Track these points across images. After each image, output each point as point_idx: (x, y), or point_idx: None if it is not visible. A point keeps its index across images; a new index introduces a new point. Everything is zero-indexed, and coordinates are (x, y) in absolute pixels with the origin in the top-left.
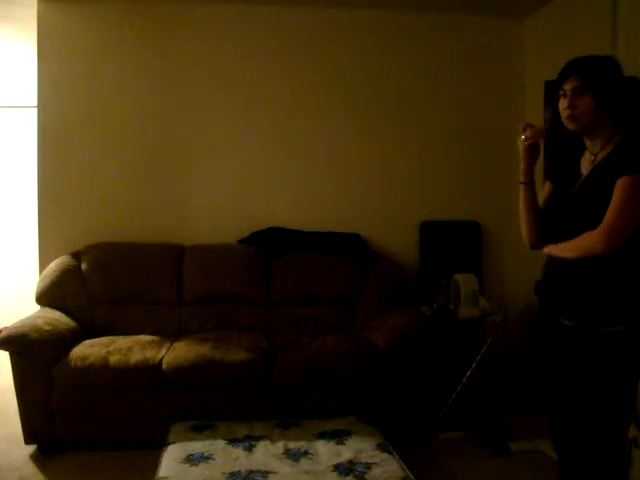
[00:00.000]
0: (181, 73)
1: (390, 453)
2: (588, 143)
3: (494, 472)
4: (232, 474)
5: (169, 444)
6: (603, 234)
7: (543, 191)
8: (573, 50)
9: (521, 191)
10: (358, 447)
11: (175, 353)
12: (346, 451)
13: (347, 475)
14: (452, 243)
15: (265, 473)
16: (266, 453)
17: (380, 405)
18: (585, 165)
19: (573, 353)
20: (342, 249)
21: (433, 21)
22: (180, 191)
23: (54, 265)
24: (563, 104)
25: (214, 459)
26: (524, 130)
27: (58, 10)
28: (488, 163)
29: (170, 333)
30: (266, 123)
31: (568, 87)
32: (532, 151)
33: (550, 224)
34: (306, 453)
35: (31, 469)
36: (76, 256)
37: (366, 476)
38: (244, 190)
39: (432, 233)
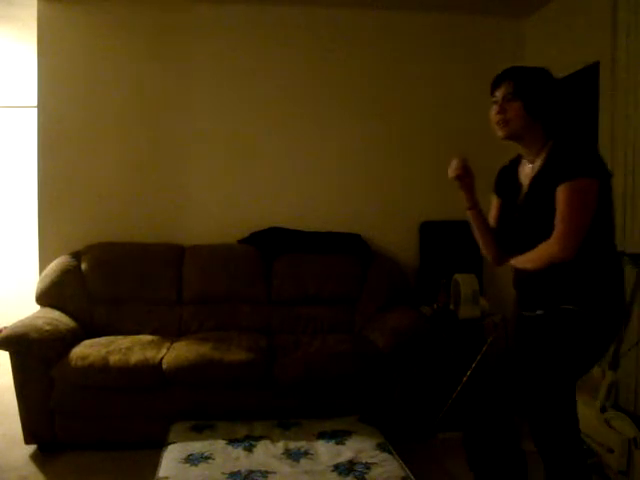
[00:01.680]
0: (181, 73)
1: (390, 453)
2: (523, 151)
3: None
4: (232, 474)
5: (169, 444)
6: (558, 243)
7: (492, 206)
8: (573, 50)
9: (469, 217)
10: (358, 447)
11: (175, 353)
12: (346, 451)
13: (347, 475)
14: (452, 243)
15: (265, 473)
16: (266, 453)
17: (380, 405)
18: (524, 174)
19: (537, 333)
20: (342, 249)
21: (433, 21)
22: (180, 191)
23: (54, 265)
24: (493, 110)
25: (214, 459)
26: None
27: (58, 10)
28: (488, 163)
29: (170, 333)
30: (266, 123)
31: (499, 94)
32: (463, 179)
33: (506, 237)
34: (306, 453)
35: (31, 469)
36: (76, 256)
37: (366, 476)
38: (244, 190)
39: (432, 233)
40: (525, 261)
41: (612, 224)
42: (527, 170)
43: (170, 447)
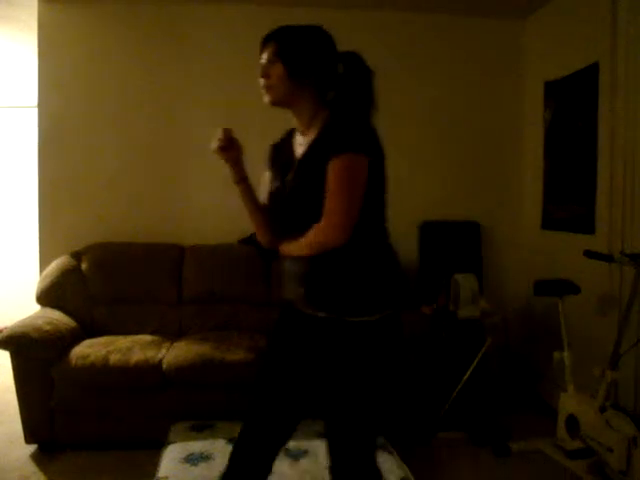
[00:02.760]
0: (181, 73)
1: (390, 453)
2: (295, 120)
3: (494, 472)
4: None
5: (169, 444)
6: (328, 226)
7: (264, 182)
8: (573, 50)
9: (239, 192)
10: None
11: (175, 353)
12: None
13: None
14: (452, 243)
15: None
16: None
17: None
18: (298, 146)
19: (322, 344)
20: None
21: (433, 21)
22: (180, 191)
23: (54, 265)
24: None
25: (214, 459)
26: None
27: (58, 11)
28: (488, 163)
29: (170, 333)
30: (266, 123)
31: (264, 56)
32: (228, 151)
33: (278, 217)
34: (306, 453)
35: (31, 469)
36: (76, 256)
37: None
38: None
39: (432, 233)
40: (297, 247)
41: (383, 211)
42: (300, 143)
43: (170, 447)
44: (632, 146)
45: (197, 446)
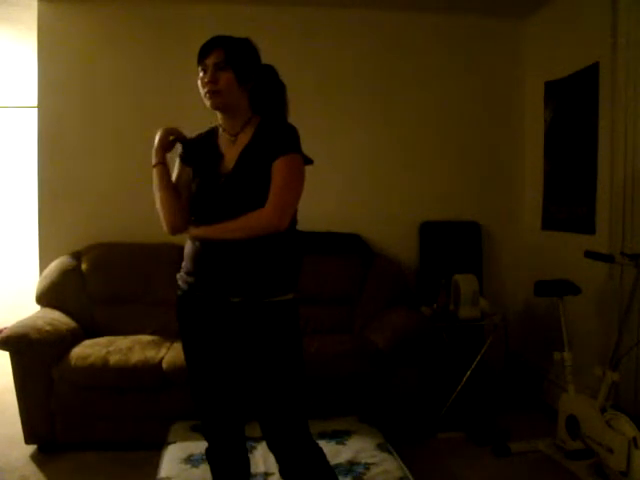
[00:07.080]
0: (181, 73)
1: (390, 453)
2: (226, 122)
3: (494, 472)
4: None
5: (169, 444)
6: (274, 212)
7: (175, 173)
8: (573, 51)
9: (157, 173)
10: (358, 447)
11: (175, 353)
12: (346, 451)
13: (346, 475)
14: (452, 243)
15: (265, 474)
16: (266, 454)
17: (380, 405)
18: (225, 145)
19: (242, 326)
20: (342, 249)
21: (433, 21)
22: None
23: (54, 265)
24: (204, 79)
25: None
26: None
27: (58, 12)
28: (488, 163)
29: (170, 333)
30: None
31: (210, 62)
32: (170, 146)
33: (198, 206)
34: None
35: (31, 469)
36: (76, 256)
37: (364, 476)
38: None
39: (432, 233)
40: (226, 230)
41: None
42: (227, 141)
43: (170, 447)
44: (632, 146)
45: (197, 447)
